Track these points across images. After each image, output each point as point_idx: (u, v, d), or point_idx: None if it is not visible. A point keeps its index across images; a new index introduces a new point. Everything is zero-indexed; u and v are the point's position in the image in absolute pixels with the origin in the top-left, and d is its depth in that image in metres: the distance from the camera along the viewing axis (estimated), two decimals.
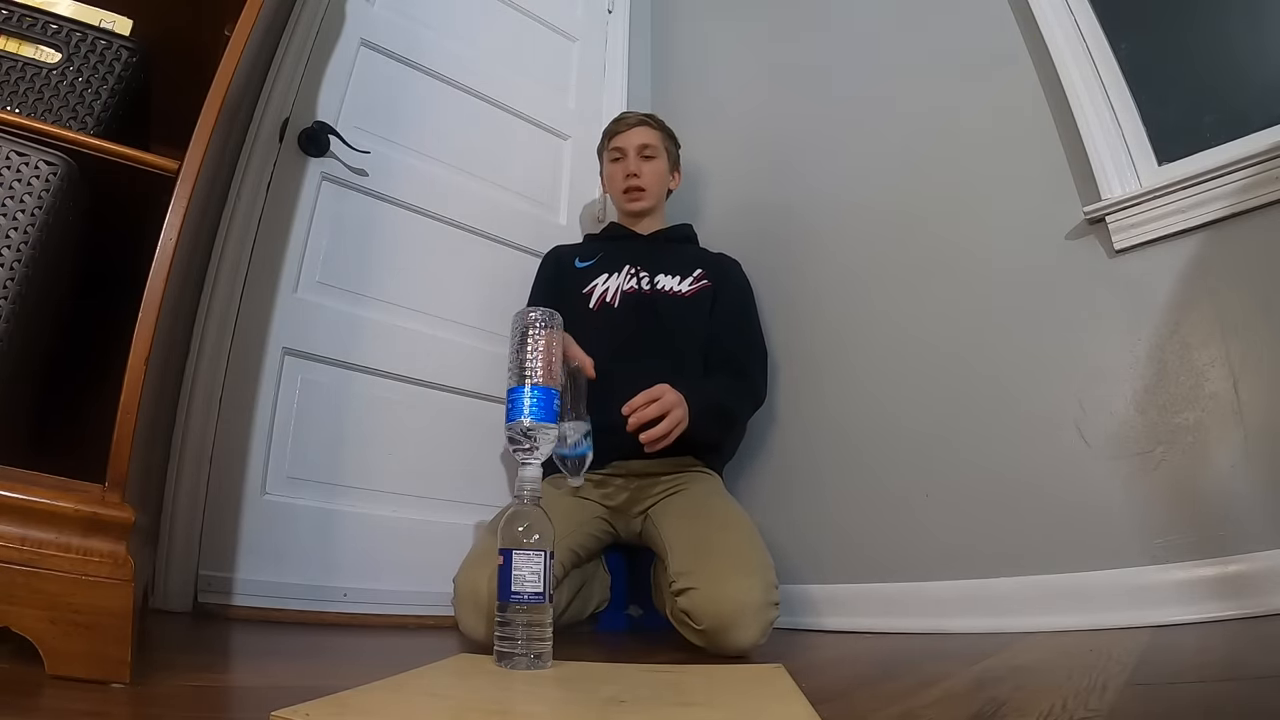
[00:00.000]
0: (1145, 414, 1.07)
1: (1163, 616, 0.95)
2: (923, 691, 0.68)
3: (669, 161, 1.60)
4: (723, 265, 1.53)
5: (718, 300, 1.47)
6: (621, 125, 1.58)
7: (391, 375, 1.47)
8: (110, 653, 0.58)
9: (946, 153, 1.39)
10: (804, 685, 0.67)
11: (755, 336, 1.49)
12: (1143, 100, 1.17)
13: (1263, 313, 0.98)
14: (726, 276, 1.51)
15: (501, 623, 0.76)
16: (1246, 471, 0.96)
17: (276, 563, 1.26)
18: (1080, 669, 0.71)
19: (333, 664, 0.92)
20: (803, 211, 1.62)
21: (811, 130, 1.66)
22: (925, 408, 1.31)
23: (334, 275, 1.44)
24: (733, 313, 1.48)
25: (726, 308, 1.47)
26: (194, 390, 1.24)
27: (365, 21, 1.57)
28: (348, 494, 1.37)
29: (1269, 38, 1.07)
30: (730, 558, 1.08)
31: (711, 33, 2.03)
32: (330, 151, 1.46)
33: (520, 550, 0.77)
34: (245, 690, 0.70)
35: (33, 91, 0.86)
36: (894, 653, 1.03)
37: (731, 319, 1.47)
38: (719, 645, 1.01)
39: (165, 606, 1.14)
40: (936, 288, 1.35)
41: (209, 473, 1.23)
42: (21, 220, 0.76)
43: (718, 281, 1.49)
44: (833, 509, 1.40)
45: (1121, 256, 1.13)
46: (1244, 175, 1.01)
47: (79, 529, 0.61)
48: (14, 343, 0.75)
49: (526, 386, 0.83)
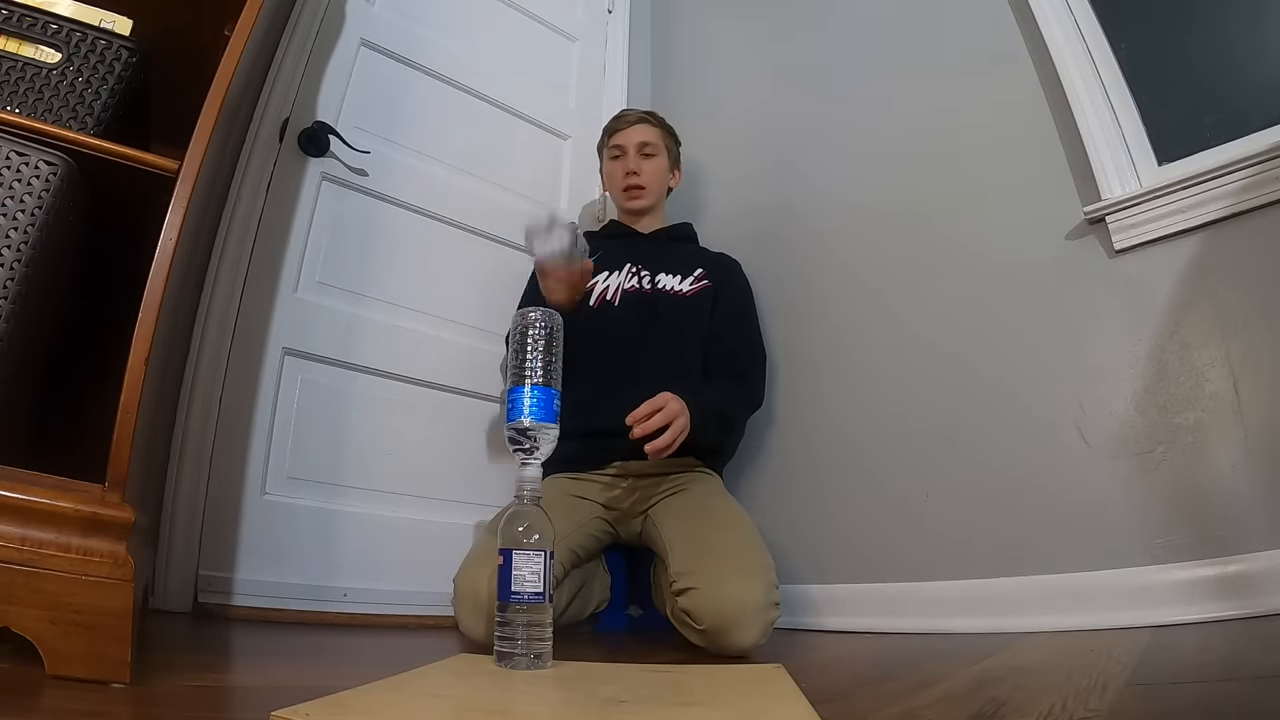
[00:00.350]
0: (1145, 414, 1.07)
1: (1163, 616, 0.95)
2: (923, 691, 0.68)
3: (669, 159, 1.59)
4: (723, 265, 1.53)
5: (719, 300, 1.47)
6: (621, 123, 1.58)
7: (391, 375, 1.47)
8: (110, 653, 0.58)
9: (947, 152, 1.39)
10: (804, 685, 0.67)
11: (755, 337, 1.49)
12: (1143, 100, 1.17)
13: (1263, 313, 0.98)
14: (728, 276, 1.51)
15: (501, 623, 0.76)
16: (1246, 471, 0.96)
17: (276, 563, 1.26)
18: (1080, 669, 0.70)
19: (333, 664, 0.92)
20: (803, 211, 1.62)
21: (812, 130, 1.66)
22: (925, 407, 1.31)
23: (334, 275, 1.44)
24: (734, 313, 1.48)
25: (728, 308, 1.47)
26: (194, 390, 1.24)
27: (365, 21, 1.57)
28: (348, 494, 1.37)
29: (1269, 38, 1.07)
30: (731, 558, 1.08)
31: (712, 32, 2.03)
32: (330, 151, 1.46)
33: (520, 550, 0.77)
34: (245, 690, 0.70)
35: (33, 91, 0.86)
36: (894, 653, 1.03)
37: (732, 319, 1.47)
38: (720, 645, 1.00)
39: (165, 606, 1.14)
40: (936, 287, 1.35)
41: (209, 473, 1.23)
42: (21, 220, 0.76)
43: (718, 281, 1.49)
44: (833, 509, 1.40)
45: (1121, 256, 1.13)
46: (1244, 175, 1.01)
47: (79, 529, 0.61)
48: (14, 343, 0.75)
49: (526, 386, 0.83)
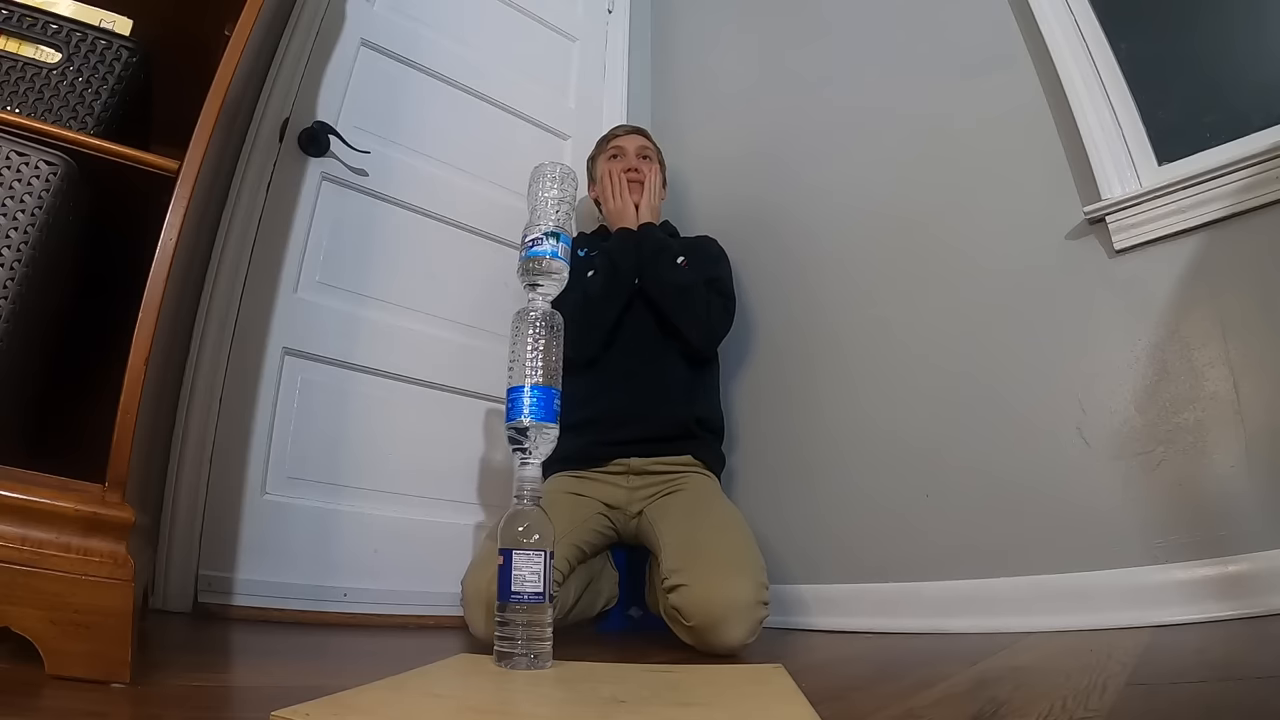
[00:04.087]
0: (1145, 414, 1.07)
1: (1163, 616, 0.95)
2: (923, 691, 0.68)
3: (661, 174, 1.64)
4: (699, 245, 1.56)
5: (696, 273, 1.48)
6: (620, 131, 1.66)
7: (391, 375, 1.47)
8: (110, 653, 0.58)
9: (946, 153, 1.39)
10: (804, 685, 0.67)
11: (726, 285, 1.50)
12: (1143, 100, 1.17)
13: (1263, 313, 0.98)
14: (701, 250, 1.53)
15: (501, 623, 0.76)
16: (1246, 471, 0.96)
17: (276, 563, 1.26)
18: (1080, 669, 0.70)
19: (333, 664, 0.93)
20: (802, 210, 1.62)
21: (812, 130, 1.66)
22: (925, 407, 1.31)
23: (334, 275, 1.44)
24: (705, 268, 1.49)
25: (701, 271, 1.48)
26: (194, 390, 1.24)
27: (365, 21, 1.57)
28: (347, 494, 1.37)
29: (1269, 38, 1.07)
30: (721, 556, 1.09)
31: (712, 32, 2.03)
32: (330, 151, 1.46)
33: (520, 550, 0.77)
34: (245, 690, 0.70)
35: (33, 91, 0.86)
36: (894, 653, 1.03)
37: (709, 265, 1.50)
38: (708, 642, 1.01)
39: (165, 606, 1.14)
40: (936, 287, 1.35)
41: (209, 473, 1.23)
42: (21, 220, 0.76)
43: (694, 259, 1.50)
44: (832, 509, 1.40)
45: (1121, 256, 1.13)
46: (1244, 175, 1.01)
47: (79, 529, 0.61)
48: (14, 343, 0.75)
49: (526, 386, 0.83)
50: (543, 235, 0.87)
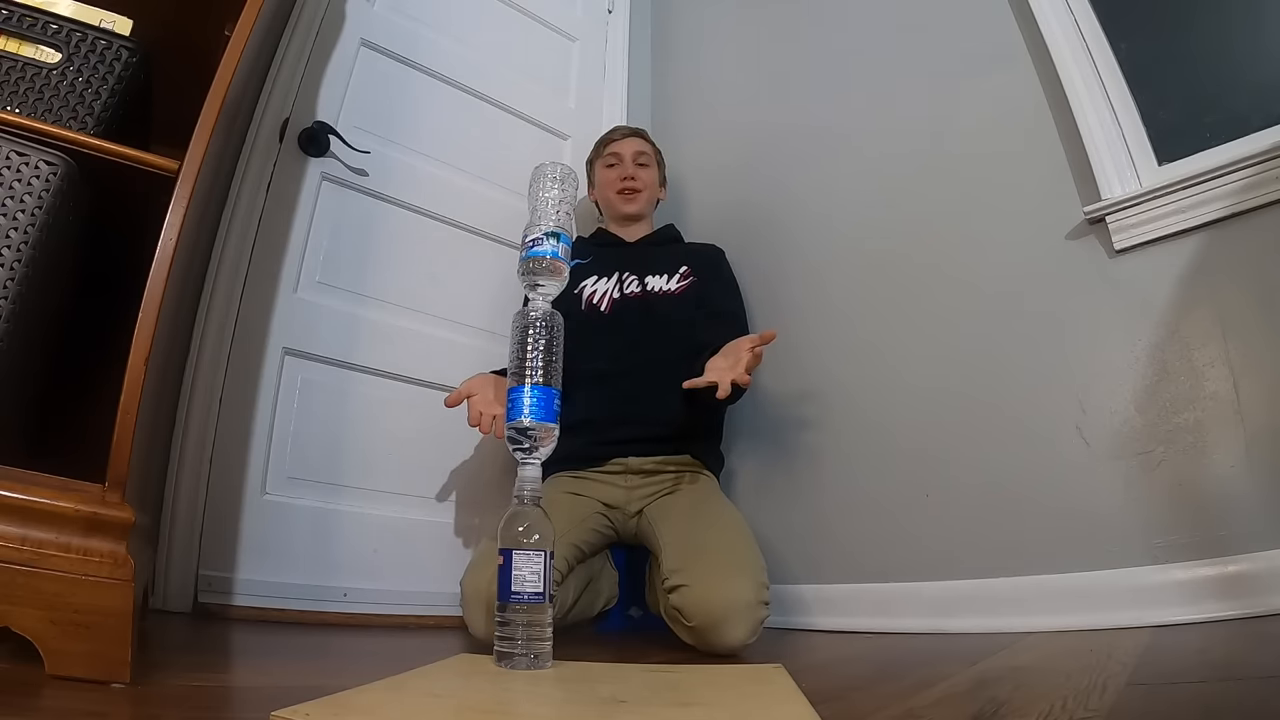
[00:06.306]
0: (1145, 414, 1.07)
1: (1163, 616, 0.95)
2: (923, 691, 0.68)
3: (659, 174, 1.64)
4: (705, 255, 1.56)
5: (705, 287, 1.49)
6: (617, 133, 1.65)
7: (391, 375, 1.47)
8: (110, 653, 0.58)
9: (946, 153, 1.39)
10: (804, 685, 0.67)
11: (740, 319, 1.50)
12: (1143, 100, 1.17)
13: (1263, 313, 0.98)
14: (710, 264, 1.54)
15: (501, 623, 0.76)
16: (1246, 471, 0.96)
17: (276, 563, 1.26)
18: (1080, 669, 0.70)
19: (333, 664, 0.93)
20: (803, 209, 1.62)
21: (812, 129, 1.66)
22: (925, 407, 1.31)
23: (334, 275, 1.44)
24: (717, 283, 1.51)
25: (711, 288, 1.49)
26: (194, 390, 1.24)
27: (365, 21, 1.57)
28: (348, 494, 1.37)
29: (1269, 38, 1.07)
30: (722, 557, 1.09)
31: (712, 33, 2.03)
32: (330, 151, 1.46)
33: (520, 550, 0.77)
34: (245, 690, 0.70)
35: (33, 91, 0.86)
36: (894, 653, 1.03)
37: (718, 287, 1.50)
38: (708, 643, 1.01)
39: (165, 606, 1.14)
40: (936, 286, 1.34)
41: (209, 473, 1.23)
42: (21, 220, 0.76)
43: (701, 272, 1.51)
44: (833, 509, 1.40)
45: (1121, 256, 1.13)
46: (1244, 175, 1.01)
47: (79, 529, 0.61)
48: (14, 343, 0.75)
49: (526, 386, 0.83)
50: (543, 235, 0.87)
